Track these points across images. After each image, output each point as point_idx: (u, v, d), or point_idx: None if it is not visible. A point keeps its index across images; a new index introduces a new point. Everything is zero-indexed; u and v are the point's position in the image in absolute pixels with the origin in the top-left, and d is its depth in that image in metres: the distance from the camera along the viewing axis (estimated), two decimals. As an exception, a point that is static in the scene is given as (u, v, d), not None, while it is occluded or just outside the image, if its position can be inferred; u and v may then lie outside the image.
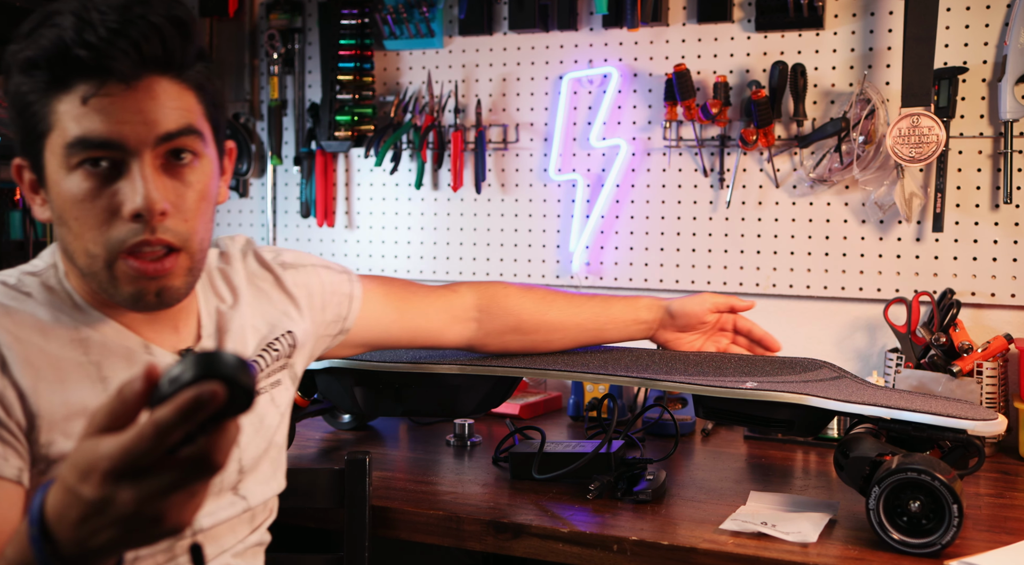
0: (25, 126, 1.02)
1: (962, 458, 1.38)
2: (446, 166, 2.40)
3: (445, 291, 1.59)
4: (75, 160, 0.99)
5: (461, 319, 1.58)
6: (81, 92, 0.97)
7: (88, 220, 1.00)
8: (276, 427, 1.26)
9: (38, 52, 0.97)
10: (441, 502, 1.51)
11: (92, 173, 0.99)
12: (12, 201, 2.61)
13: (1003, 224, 1.96)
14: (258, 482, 1.22)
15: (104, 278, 1.02)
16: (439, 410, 1.76)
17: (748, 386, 1.46)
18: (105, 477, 0.71)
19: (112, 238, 1.00)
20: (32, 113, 1.00)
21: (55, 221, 1.05)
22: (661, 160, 2.22)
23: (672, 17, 2.20)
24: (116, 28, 0.95)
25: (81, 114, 0.97)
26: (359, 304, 1.44)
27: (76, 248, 1.03)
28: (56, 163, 1.00)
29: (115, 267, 1.01)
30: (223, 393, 0.67)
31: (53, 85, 0.98)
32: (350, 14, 2.42)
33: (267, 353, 1.25)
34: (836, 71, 2.07)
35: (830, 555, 1.28)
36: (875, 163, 2.00)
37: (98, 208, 1.00)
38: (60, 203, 1.02)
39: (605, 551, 1.35)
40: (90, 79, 0.97)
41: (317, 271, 1.38)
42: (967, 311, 1.97)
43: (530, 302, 1.62)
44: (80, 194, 0.99)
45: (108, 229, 1.00)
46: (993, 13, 1.95)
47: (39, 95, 0.99)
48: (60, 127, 0.99)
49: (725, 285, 2.18)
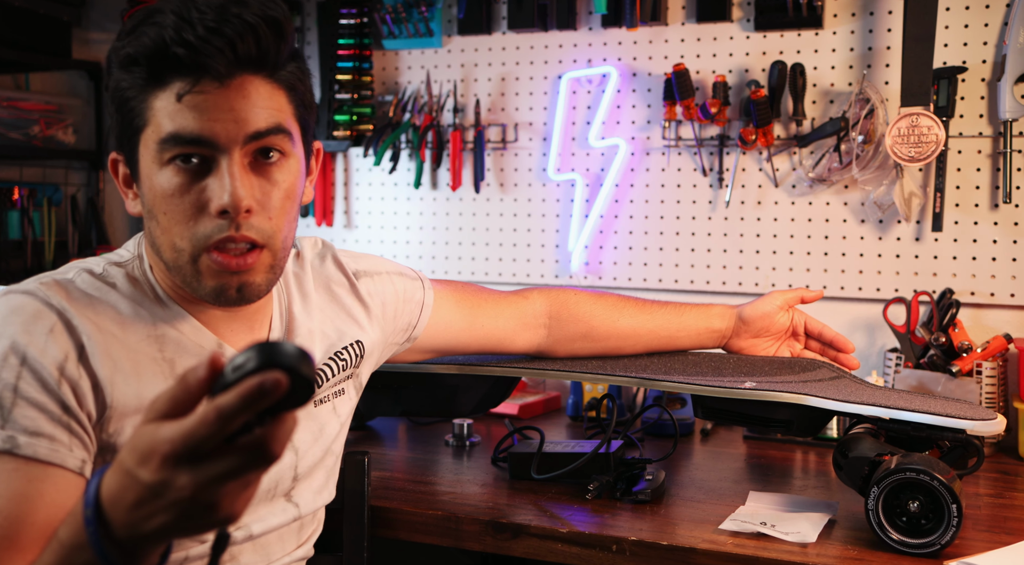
0: (123, 121, 1.04)
1: (961, 458, 1.38)
2: (445, 166, 2.40)
3: (516, 297, 1.59)
4: (167, 156, 1.01)
5: (531, 326, 1.59)
6: (176, 89, 0.99)
7: (176, 215, 1.02)
8: (335, 436, 1.27)
9: (138, 49, 0.99)
10: (440, 502, 1.51)
11: (183, 169, 1.01)
12: (10, 201, 2.61)
13: (1002, 224, 1.96)
14: (311, 490, 1.23)
15: (188, 272, 1.05)
16: (437, 410, 1.76)
17: (747, 386, 1.46)
18: (165, 461, 0.72)
19: (198, 233, 1.02)
20: (129, 109, 1.03)
21: (145, 215, 1.07)
22: (660, 160, 2.22)
23: (671, 17, 2.20)
24: (213, 27, 0.97)
25: (175, 111, 0.99)
26: (430, 312, 1.45)
27: (163, 242, 1.05)
28: (149, 158, 1.03)
29: (199, 261, 1.04)
30: (286, 382, 0.68)
31: (151, 81, 1.00)
32: (349, 13, 2.42)
33: (333, 362, 1.26)
34: (835, 71, 2.07)
35: (829, 555, 1.28)
36: (874, 163, 2.00)
37: (187, 203, 1.02)
38: (151, 197, 1.04)
39: (604, 551, 1.35)
40: (185, 77, 0.99)
41: (392, 279, 1.39)
42: (966, 311, 1.97)
43: (600, 309, 1.61)
44: (170, 189, 1.02)
45: (195, 224, 1.02)
46: (992, 13, 1.94)
47: (137, 91, 1.01)
48: (155, 123, 1.01)
49: (724, 285, 2.18)
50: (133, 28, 1.01)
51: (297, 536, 1.23)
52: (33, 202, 2.63)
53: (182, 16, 0.97)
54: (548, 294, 1.62)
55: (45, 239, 2.66)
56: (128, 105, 1.03)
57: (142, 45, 0.99)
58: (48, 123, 2.63)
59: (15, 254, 2.61)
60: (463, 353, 1.56)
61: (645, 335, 1.63)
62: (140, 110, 1.02)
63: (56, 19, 2.61)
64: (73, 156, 2.73)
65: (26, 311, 1.00)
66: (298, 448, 1.20)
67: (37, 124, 2.60)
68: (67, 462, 0.98)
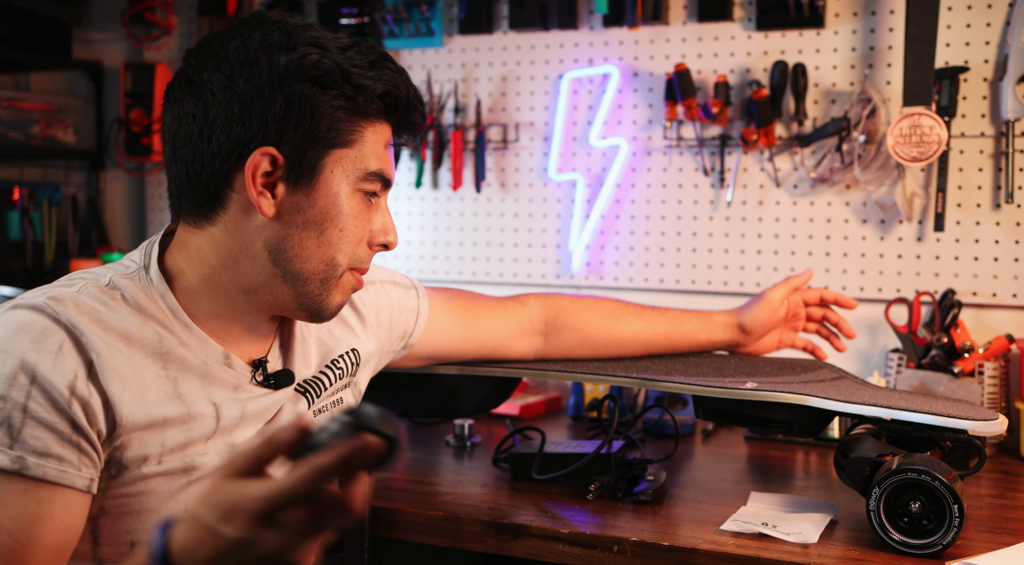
0: (312, 127, 1.08)
1: (963, 458, 1.38)
2: (446, 165, 2.40)
3: (512, 303, 1.59)
4: (366, 185, 1.12)
5: (528, 332, 1.59)
6: (385, 135, 1.13)
7: (351, 235, 1.12)
8: None
9: (383, 86, 1.10)
10: (441, 503, 1.51)
11: (366, 200, 1.13)
12: (11, 201, 2.61)
13: (1004, 224, 1.95)
14: None
15: (330, 285, 1.13)
16: (438, 411, 1.76)
17: (748, 387, 1.46)
18: (253, 518, 0.72)
19: (358, 255, 1.14)
20: (331, 122, 1.08)
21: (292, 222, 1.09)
22: (661, 160, 2.21)
23: (672, 16, 2.19)
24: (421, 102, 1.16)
25: (381, 152, 1.13)
26: (425, 319, 1.46)
27: (316, 254, 1.10)
28: (343, 177, 1.10)
29: (343, 277, 1.14)
30: (381, 445, 0.72)
31: (372, 114, 1.11)
32: (349, 13, 2.42)
33: (330, 371, 1.26)
34: (837, 70, 2.06)
35: (831, 556, 1.28)
36: (876, 163, 1.99)
37: (361, 229, 1.13)
38: (329, 211, 1.10)
39: (605, 552, 1.35)
40: (395, 126, 1.15)
41: (385, 288, 1.40)
42: (968, 311, 1.97)
43: (597, 316, 1.61)
44: (356, 212, 1.12)
45: (359, 247, 1.14)
46: (994, 12, 1.94)
47: (351, 113, 1.09)
48: (363, 152, 1.11)
49: (726, 285, 2.17)
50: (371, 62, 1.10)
51: None
52: (33, 202, 2.63)
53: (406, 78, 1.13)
54: (544, 301, 1.61)
55: (45, 239, 2.65)
56: (330, 117, 1.08)
57: (389, 84, 1.10)
58: (48, 123, 2.63)
59: (15, 254, 2.61)
60: (460, 360, 1.56)
61: (644, 344, 1.63)
62: (346, 129, 1.09)
63: (56, 19, 2.61)
64: (73, 156, 2.73)
65: (34, 328, 0.98)
66: None
67: (37, 124, 2.60)
68: (75, 482, 0.98)
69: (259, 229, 1.09)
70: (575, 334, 1.60)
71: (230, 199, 1.08)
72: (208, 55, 1.08)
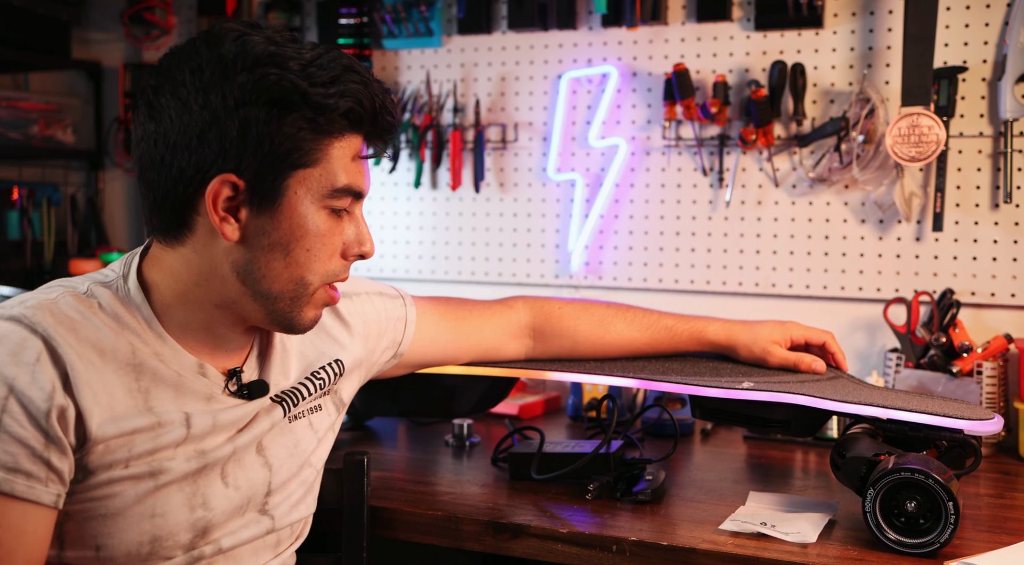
0: (272, 150, 1.05)
1: (959, 458, 1.38)
2: (445, 165, 2.40)
3: (500, 307, 1.59)
4: (335, 202, 1.10)
5: (518, 336, 1.59)
6: (355, 146, 1.11)
7: (320, 253, 1.10)
8: (312, 450, 1.26)
9: (347, 101, 1.07)
10: (440, 503, 1.51)
11: (333, 216, 1.11)
12: (10, 201, 2.61)
13: (1003, 224, 1.95)
14: (288, 503, 1.23)
15: (301, 303, 1.12)
16: (436, 410, 1.76)
17: (744, 386, 1.46)
18: None
19: (330, 270, 1.13)
20: (294, 143, 1.05)
21: (256, 245, 1.08)
22: (660, 160, 2.21)
23: (671, 16, 2.19)
24: (391, 109, 1.12)
25: (350, 166, 1.10)
26: (413, 328, 1.46)
27: (283, 275, 1.10)
28: (307, 196, 1.08)
29: (317, 294, 1.13)
30: None
31: (336, 131, 1.08)
32: (348, 13, 2.42)
33: (310, 382, 1.26)
34: (835, 70, 2.06)
35: (829, 555, 1.28)
36: (875, 163, 1.99)
37: (330, 245, 1.11)
38: (294, 232, 1.08)
39: (604, 552, 1.35)
40: (368, 141, 1.13)
41: (371, 299, 1.40)
42: (967, 311, 1.97)
43: (586, 324, 1.59)
44: (324, 230, 1.10)
45: (330, 262, 1.12)
46: (993, 12, 1.94)
47: (313, 133, 1.06)
48: (328, 169, 1.08)
49: (724, 285, 2.17)
50: (333, 78, 1.06)
51: (273, 549, 1.23)
52: (32, 202, 2.63)
53: (372, 88, 1.09)
54: (532, 305, 1.60)
55: (44, 239, 2.66)
56: (293, 139, 1.05)
57: (352, 100, 1.07)
58: (47, 123, 2.63)
59: (14, 254, 2.61)
60: (452, 365, 1.56)
61: (633, 352, 1.61)
62: (310, 149, 1.07)
63: (55, 19, 2.61)
64: (72, 156, 2.73)
65: (11, 340, 0.99)
66: (271, 463, 1.20)
67: (36, 124, 2.60)
68: (43, 499, 0.99)
69: (226, 252, 1.08)
70: (563, 341, 1.60)
71: (196, 222, 1.08)
72: (165, 78, 1.06)
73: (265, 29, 1.08)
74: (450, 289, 2.42)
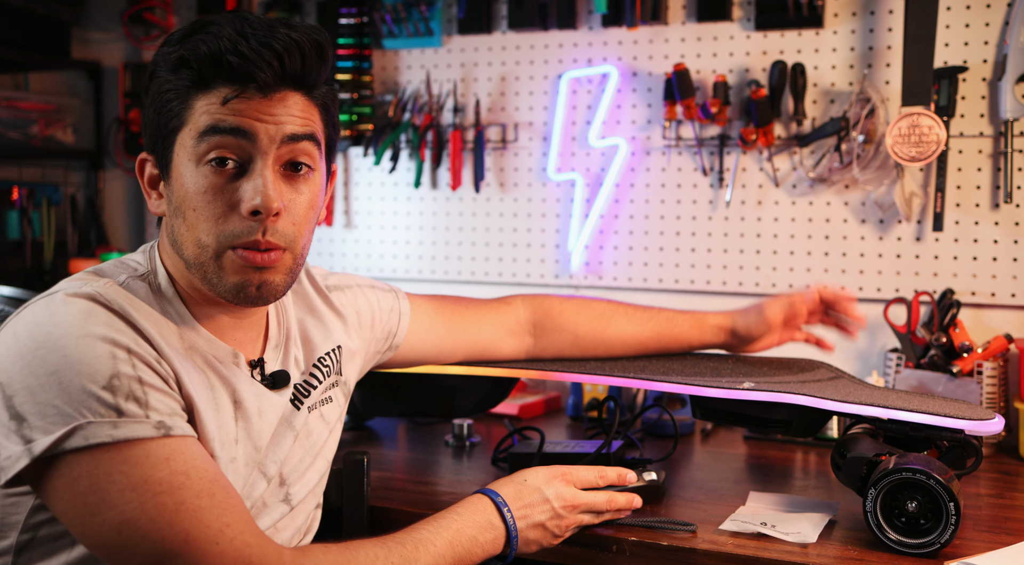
0: (159, 121, 1.08)
1: (960, 458, 1.38)
2: (445, 165, 2.40)
3: (498, 304, 1.60)
4: (204, 148, 1.05)
5: (516, 333, 1.59)
6: (223, 94, 1.05)
7: (206, 212, 1.06)
8: (323, 441, 1.28)
9: (192, 53, 1.04)
10: (440, 503, 1.50)
11: (218, 171, 1.06)
12: (10, 201, 2.61)
13: (1003, 224, 1.95)
14: (304, 488, 1.24)
15: (211, 268, 1.08)
16: (436, 410, 1.76)
17: (745, 387, 1.46)
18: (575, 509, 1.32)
19: (226, 231, 1.06)
20: (169, 109, 1.07)
21: (169, 214, 1.10)
22: (660, 159, 2.21)
23: (672, 16, 2.19)
24: (264, 42, 1.04)
25: (217, 110, 1.05)
26: (408, 320, 1.47)
27: (187, 239, 1.08)
28: (185, 156, 1.06)
29: (224, 257, 1.07)
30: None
31: (197, 85, 1.05)
32: (349, 13, 2.42)
33: (319, 369, 1.28)
34: (836, 70, 2.06)
35: (830, 556, 1.28)
36: (875, 162, 1.99)
37: (219, 202, 1.06)
38: (181, 194, 1.07)
39: (604, 551, 1.35)
40: (232, 84, 1.05)
41: (364, 291, 1.41)
42: (967, 311, 1.97)
43: (587, 319, 1.60)
44: (204, 186, 1.06)
45: (224, 223, 1.06)
46: (993, 12, 1.94)
47: (180, 93, 1.06)
48: (194, 121, 1.06)
49: (725, 285, 2.17)
50: (187, 35, 1.06)
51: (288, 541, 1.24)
52: (32, 202, 2.63)
53: (237, 30, 1.04)
54: (531, 301, 1.61)
55: (44, 239, 2.66)
56: (168, 106, 1.07)
57: (196, 50, 1.04)
58: (47, 123, 2.63)
59: (14, 254, 2.61)
60: (449, 361, 1.56)
61: (634, 346, 1.63)
62: (179, 110, 1.06)
63: (55, 19, 2.61)
64: (72, 156, 2.73)
65: (99, 312, 1.01)
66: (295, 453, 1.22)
67: (36, 124, 2.60)
68: (187, 430, 1.03)
69: (166, 226, 1.13)
70: (564, 337, 1.60)
71: None
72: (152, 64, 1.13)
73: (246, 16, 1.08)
74: (450, 289, 2.42)
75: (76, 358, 0.96)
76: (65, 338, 0.97)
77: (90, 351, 0.97)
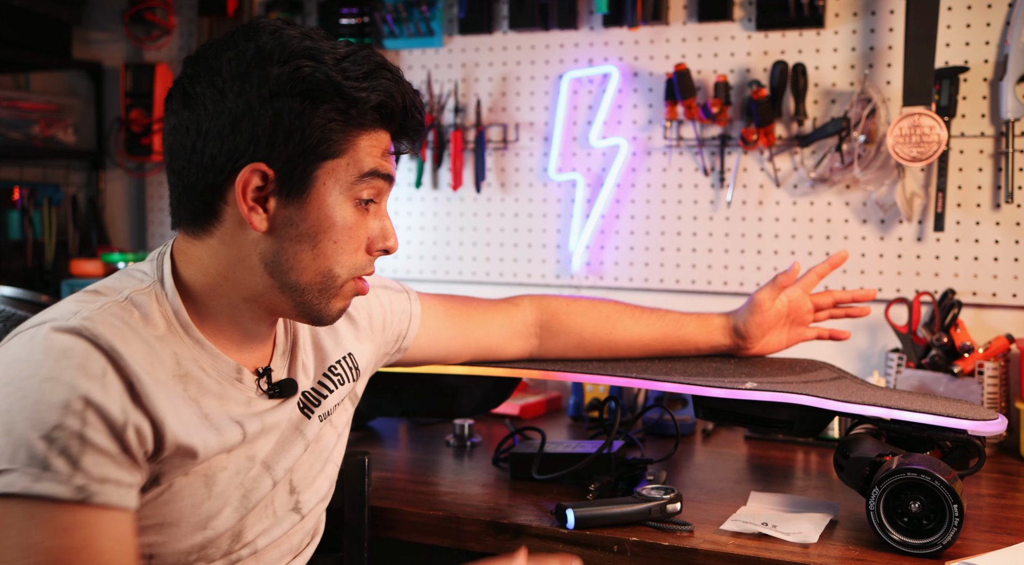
0: (303, 141, 1.07)
1: (962, 458, 1.38)
2: (446, 165, 2.40)
3: (506, 305, 1.59)
4: (362, 187, 1.10)
5: (522, 334, 1.59)
6: (383, 139, 1.12)
7: (348, 246, 1.11)
8: (332, 447, 1.27)
9: (379, 96, 1.09)
10: (441, 503, 1.51)
11: (361, 208, 1.12)
12: (11, 201, 2.61)
13: (1004, 224, 1.95)
14: (315, 496, 1.24)
15: (327, 295, 1.12)
16: (438, 411, 1.76)
17: (748, 387, 1.46)
18: None
19: (357, 264, 1.13)
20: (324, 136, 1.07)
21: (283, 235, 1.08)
22: (661, 160, 2.21)
23: (672, 16, 2.19)
24: (419, 108, 1.15)
25: (380, 157, 1.12)
26: (418, 321, 1.46)
27: (311, 266, 1.10)
28: (337, 188, 1.09)
29: (345, 286, 1.13)
30: None
31: (365, 125, 1.10)
32: (350, 13, 2.42)
33: (329, 378, 1.26)
34: (837, 70, 2.06)
35: (831, 556, 1.28)
36: (876, 163, 1.99)
37: (357, 238, 1.12)
38: (321, 224, 1.09)
39: (605, 552, 1.35)
40: (394, 135, 1.14)
41: (376, 293, 1.40)
42: (968, 311, 1.97)
43: (593, 320, 1.60)
44: (352, 223, 1.11)
45: (356, 255, 1.12)
46: (994, 12, 1.94)
47: (342, 125, 1.08)
48: (356, 158, 1.09)
49: (726, 285, 2.17)
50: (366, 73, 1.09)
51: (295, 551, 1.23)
52: (33, 202, 2.63)
53: (403, 86, 1.12)
54: (538, 302, 1.61)
55: (45, 239, 2.66)
56: (324, 128, 1.07)
57: (384, 95, 1.09)
58: (48, 123, 2.63)
59: (15, 254, 2.61)
60: (455, 362, 1.56)
61: (640, 347, 1.62)
62: (338, 140, 1.08)
63: (56, 19, 2.61)
64: (73, 156, 2.73)
65: (77, 353, 0.97)
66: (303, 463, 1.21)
67: (37, 124, 2.60)
68: (129, 503, 0.99)
69: (254, 242, 1.08)
70: (570, 338, 1.60)
71: (225, 212, 1.08)
72: (203, 66, 1.08)
73: (301, 26, 1.10)
74: (451, 289, 2.42)
75: (31, 401, 0.94)
76: (30, 380, 0.95)
77: (46, 397, 0.94)
